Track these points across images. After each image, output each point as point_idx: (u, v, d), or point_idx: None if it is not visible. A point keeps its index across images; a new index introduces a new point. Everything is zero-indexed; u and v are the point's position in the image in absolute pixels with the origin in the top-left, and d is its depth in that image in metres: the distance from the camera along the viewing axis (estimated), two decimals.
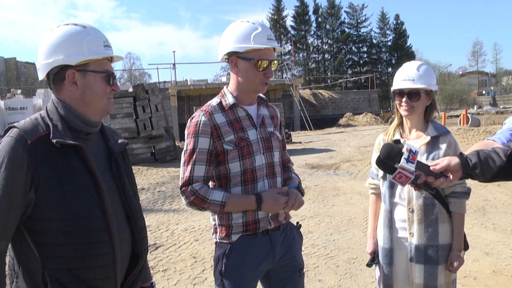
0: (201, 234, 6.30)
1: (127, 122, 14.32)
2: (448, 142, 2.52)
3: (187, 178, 2.14)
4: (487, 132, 17.44)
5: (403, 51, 65.30)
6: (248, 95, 2.27)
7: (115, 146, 1.82)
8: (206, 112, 2.19)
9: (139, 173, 12.57)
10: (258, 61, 2.15)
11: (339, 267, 4.78)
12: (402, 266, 2.59)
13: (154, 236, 6.33)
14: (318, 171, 11.72)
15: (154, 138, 14.67)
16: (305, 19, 65.51)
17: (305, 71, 65.06)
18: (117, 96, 14.71)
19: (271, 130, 2.33)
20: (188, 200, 2.14)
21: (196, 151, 2.15)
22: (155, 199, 8.99)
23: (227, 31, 2.22)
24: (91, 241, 1.58)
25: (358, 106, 37.94)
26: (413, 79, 2.52)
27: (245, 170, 2.19)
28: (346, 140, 19.76)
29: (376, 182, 2.76)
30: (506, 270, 4.53)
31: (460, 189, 2.51)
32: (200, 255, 5.38)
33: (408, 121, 2.63)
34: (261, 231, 2.22)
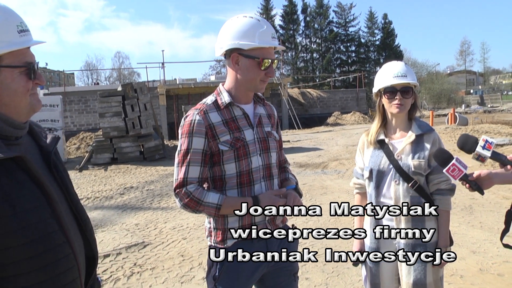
0: (189, 232, 6.27)
1: (116, 121, 14.20)
2: (432, 140, 2.52)
3: (181, 180, 2.05)
4: (474, 131, 17.58)
5: (391, 50, 65.61)
6: (246, 93, 2.18)
7: (48, 144, 1.58)
8: (201, 111, 2.10)
9: (128, 172, 12.51)
10: (263, 60, 2.06)
11: (326, 265, 4.78)
12: (388, 264, 2.58)
13: (142, 234, 6.30)
14: (306, 169, 11.74)
15: (143, 137, 14.56)
16: (293, 19, 65.50)
17: (293, 70, 65.06)
18: (106, 95, 14.62)
19: (269, 130, 2.26)
20: (183, 202, 2.06)
21: (190, 152, 2.06)
22: (143, 198, 8.94)
23: (229, 26, 2.10)
24: (57, 259, 1.39)
25: (346, 105, 38.02)
26: (405, 75, 2.50)
27: (241, 172, 2.11)
28: (334, 139, 19.80)
29: (361, 181, 2.74)
30: (493, 269, 4.56)
31: (445, 186, 2.51)
32: (188, 254, 5.36)
33: (394, 120, 2.60)
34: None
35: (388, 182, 2.54)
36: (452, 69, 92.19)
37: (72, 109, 29.29)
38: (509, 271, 4.51)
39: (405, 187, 2.48)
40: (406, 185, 2.48)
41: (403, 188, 2.48)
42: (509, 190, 7.86)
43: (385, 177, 2.55)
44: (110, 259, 5.30)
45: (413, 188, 2.46)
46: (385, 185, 2.55)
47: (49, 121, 14.24)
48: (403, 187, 2.48)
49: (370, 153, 2.64)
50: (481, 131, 17.53)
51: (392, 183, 2.52)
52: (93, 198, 9.12)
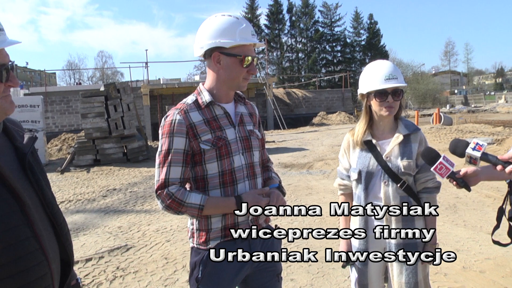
0: (172, 234, 6.24)
1: (98, 122, 14.08)
2: (419, 140, 2.54)
3: (162, 181, 2.03)
4: (459, 131, 17.83)
5: (377, 51, 66.19)
6: (227, 92, 2.17)
7: (24, 145, 1.51)
8: (181, 111, 2.08)
9: (110, 174, 12.40)
10: (245, 57, 2.06)
11: (311, 266, 4.79)
12: (376, 265, 2.60)
13: (125, 237, 6.25)
14: (291, 170, 11.76)
15: (126, 137, 14.47)
16: (279, 18, 65.72)
17: (278, 70, 65.28)
18: (88, 95, 14.49)
19: (251, 129, 2.25)
20: (164, 204, 2.03)
21: (171, 152, 2.04)
22: (126, 200, 8.87)
23: (208, 25, 2.09)
24: (29, 266, 1.34)
25: (332, 105, 38.21)
26: (396, 77, 2.49)
27: (224, 172, 2.10)
28: (320, 139, 19.88)
29: (346, 182, 2.73)
30: (475, 266, 4.63)
31: (431, 184, 2.54)
32: (171, 256, 5.33)
33: (382, 121, 2.60)
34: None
35: (378, 183, 2.54)
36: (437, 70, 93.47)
37: (53, 109, 28.96)
38: (490, 267, 4.60)
39: (395, 188, 2.49)
40: (395, 186, 2.49)
41: (393, 188, 2.49)
42: (492, 189, 8.01)
43: (374, 178, 2.55)
44: (92, 263, 5.24)
45: (402, 188, 2.48)
46: (374, 186, 2.56)
47: (29, 122, 14.08)
48: (393, 188, 2.49)
49: (357, 154, 2.62)
50: (465, 131, 17.78)
51: (381, 184, 2.52)
52: (75, 201, 9.02)
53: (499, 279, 4.34)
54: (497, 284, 4.24)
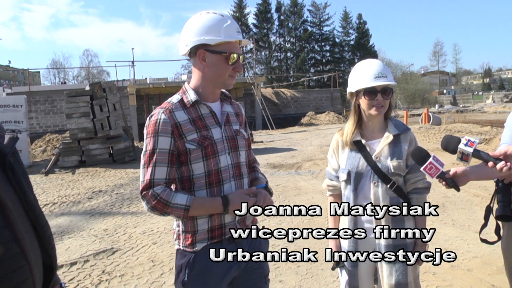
0: (159, 237, 6.21)
1: (83, 122, 13.98)
2: (409, 140, 2.53)
3: (147, 181, 2.02)
4: (447, 130, 18.00)
5: (366, 50, 66.58)
6: (213, 91, 2.17)
7: (4, 145, 1.47)
8: (166, 110, 2.07)
9: (96, 175, 12.31)
10: (230, 54, 2.06)
11: (300, 267, 4.80)
12: (366, 267, 2.60)
13: (111, 240, 6.20)
14: (279, 170, 11.78)
15: (112, 138, 14.39)
16: (267, 17, 65.81)
17: (267, 69, 65.35)
18: (73, 95, 14.38)
19: (237, 128, 2.24)
20: (150, 205, 2.01)
21: (156, 152, 2.03)
22: (112, 202, 8.81)
23: (192, 23, 2.09)
24: (10, 271, 1.31)
25: (321, 105, 38.35)
26: (385, 75, 2.49)
27: (210, 172, 2.10)
28: (308, 139, 19.93)
29: (334, 183, 2.71)
30: (463, 265, 4.69)
31: (422, 185, 2.53)
32: (158, 259, 5.30)
33: (372, 121, 2.59)
34: (227, 237, 2.13)
35: (367, 184, 2.53)
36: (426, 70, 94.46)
37: (37, 109, 28.67)
38: (477, 266, 4.67)
39: (384, 189, 2.48)
40: (385, 186, 2.48)
41: (382, 189, 2.48)
42: (479, 188, 8.09)
43: (363, 179, 2.54)
44: (77, 267, 5.19)
45: (391, 189, 2.47)
46: (363, 187, 2.54)
47: (12, 122, 13.91)
48: (382, 189, 2.48)
49: (346, 155, 2.61)
50: (454, 131, 17.97)
51: (371, 185, 2.51)
52: (59, 203, 8.93)
53: (486, 277, 4.41)
54: (484, 282, 4.30)
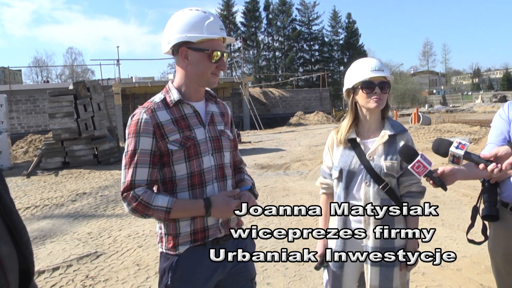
0: (145, 240, 6.18)
1: (67, 122, 13.83)
2: (406, 141, 2.50)
3: (128, 183, 2.01)
4: (437, 130, 18.18)
5: (355, 50, 66.93)
6: (197, 90, 2.16)
7: None
8: (148, 109, 2.06)
9: (80, 177, 12.21)
10: (213, 52, 2.04)
11: (288, 269, 4.81)
12: (352, 268, 2.59)
13: (95, 243, 6.15)
14: (267, 171, 11.79)
15: (97, 139, 14.27)
16: (255, 16, 65.86)
17: (255, 69, 65.35)
18: (56, 94, 14.24)
19: (221, 129, 2.23)
20: (131, 207, 2.01)
21: (137, 153, 2.02)
22: (97, 204, 8.74)
23: (175, 20, 2.08)
24: None
25: (310, 105, 38.48)
26: (382, 69, 2.49)
27: (192, 173, 2.08)
28: (297, 139, 19.98)
29: (328, 181, 2.69)
30: (452, 264, 4.71)
31: (416, 189, 2.54)
32: (144, 262, 5.27)
33: (368, 118, 2.57)
34: (211, 240, 2.12)
35: (359, 183, 2.52)
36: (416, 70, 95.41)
37: (19, 109, 28.33)
38: (466, 265, 4.74)
39: (376, 189, 2.46)
40: (377, 187, 2.46)
41: (374, 190, 2.47)
42: (469, 188, 8.19)
43: (356, 178, 2.53)
44: (60, 272, 5.13)
45: (383, 190, 2.46)
46: (355, 186, 2.53)
47: None
48: (374, 189, 2.47)
49: (340, 152, 2.60)
50: (443, 130, 18.15)
51: (362, 185, 2.49)
52: (42, 206, 8.84)
53: (474, 276, 4.47)
54: (473, 281, 4.36)
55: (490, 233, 2.62)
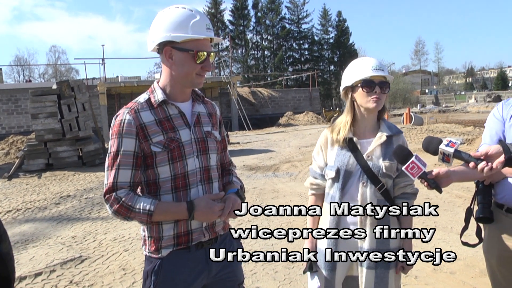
0: (131, 243, 6.14)
1: (50, 123, 13.70)
2: (401, 143, 2.53)
3: (111, 184, 2.01)
4: (429, 131, 18.28)
5: (346, 49, 67.18)
6: (182, 90, 2.14)
7: None
8: (131, 110, 2.05)
9: (64, 179, 12.10)
10: (197, 52, 2.02)
11: (277, 272, 4.80)
12: (342, 271, 2.59)
13: (79, 248, 6.09)
14: (256, 172, 11.79)
15: (82, 140, 14.16)
16: (244, 14, 65.81)
17: (243, 68, 65.35)
18: (39, 93, 14.12)
19: (208, 130, 2.21)
20: (113, 209, 2.00)
21: (120, 154, 2.01)
22: (82, 207, 8.67)
23: (160, 18, 2.07)
24: None
25: (299, 105, 38.58)
26: (383, 69, 2.51)
27: (176, 175, 2.07)
28: (286, 140, 20.00)
29: (319, 182, 2.68)
30: (446, 267, 4.73)
31: (410, 190, 2.56)
32: (130, 267, 5.23)
33: (365, 118, 2.58)
34: (195, 243, 2.11)
35: (355, 183, 2.52)
36: (407, 69, 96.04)
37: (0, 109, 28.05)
38: (460, 268, 4.74)
39: (373, 190, 2.48)
40: (373, 188, 2.48)
41: (371, 190, 2.48)
42: (462, 189, 8.23)
43: (352, 178, 2.53)
44: (42, 278, 5.07)
45: (380, 191, 2.48)
46: (351, 186, 2.53)
47: None
48: (371, 190, 2.48)
49: (335, 152, 2.59)
50: (436, 131, 18.27)
51: (359, 185, 2.50)
52: (24, 209, 8.74)
53: (468, 279, 4.48)
54: (467, 284, 4.37)
55: (484, 235, 2.62)
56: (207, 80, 31.30)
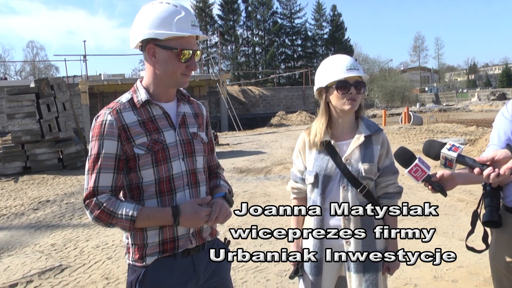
0: (114, 251, 6.10)
1: (28, 123, 13.62)
2: (381, 141, 2.57)
3: (91, 189, 1.98)
4: (429, 131, 18.38)
5: (341, 45, 67.51)
6: (166, 90, 2.14)
7: None
8: (113, 110, 2.04)
9: (43, 183, 12.03)
10: (182, 50, 2.01)
11: (269, 281, 4.79)
12: (329, 277, 2.61)
13: (59, 256, 6.04)
14: (247, 175, 11.79)
15: (62, 141, 14.09)
16: (233, 8, 65.93)
17: (233, 65, 65.40)
18: (15, 92, 14.02)
19: (194, 131, 2.21)
20: (93, 215, 1.98)
21: (101, 157, 1.99)
22: (62, 213, 8.60)
23: (143, 14, 2.05)
24: None
25: (292, 104, 38.66)
26: (358, 68, 2.52)
27: (160, 179, 2.07)
28: (279, 141, 20.04)
29: (299, 185, 2.72)
30: (447, 275, 4.74)
31: (393, 190, 2.57)
32: (113, 276, 5.20)
33: (341, 119, 2.60)
34: (181, 251, 2.11)
35: (336, 187, 2.55)
36: (406, 66, 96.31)
37: None
38: (463, 276, 4.72)
39: (354, 193, 2.50)
40: (355, 191, 2.50)
41: (352, 193, 2.51)
42: (464, 192, 8.26)
43: (332, 182, 2.56)
44: None
45: (362, 193, 2.50)
46: (331, 190, 2.56)
47: None
48: (352, 193, 2.50)
49: (313, 156, 2.62)
50: (436, 131, 18.36)
51: (340, 189, 2.53)
52: None
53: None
54: None
55: (491, 240, 2.61)
56: (195, 78, 31.31)
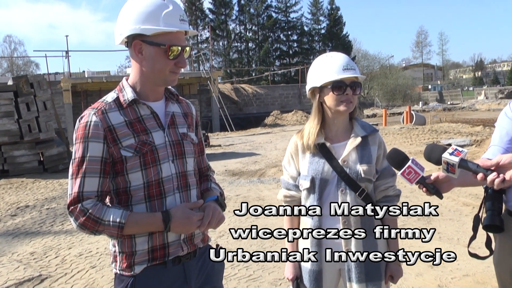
0: (99, 259, 6.07)
1: (6, 124, 13.55)
2: (378, 142, 2.58)
3: (76, 195, 1.97)
4: (433, 131, 18.42)
5: (339, 41, 67.66)
6: (154, 88, 2.14)
7: None
8: (98, 110, 2.03)
9: (23, 187, 11.98)
10: (169, 47, 2.01)
11: None
12: (329, 282, 2.61)
13: (39, 265, 6.00)
14: (240, 178, 11.81)
15: (43, 143, 14.06)
16: (225, 2, 65.89)
17: (225, 62, 65.45)
18: None
19: (184, 132, 2.22)
20: (78, 222, 1.96)
21: (86, 160, 1.98)
22: (42, 219, 8.56)
23: (129, 8, 2.05)
24: None
25: (287, 103, 38.71)
26: (354, 68, 2.52)
27: (149, 183, 2.06)
28: (273, 142, 20.07)
29: (293, 193, 2.71)
30: (452, 284, 4.74)
31: (392, 192, 2.59)
32: (97, 286, 5.17)
33: (336, 120, 2.60)
34: (171, 258, 2.10)
35: (333, 191, 2.55)
36: (408, 62, 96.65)
37: None
38: (469, 285, 4.72)
39: (353, 196, 2.51)
40: (353, 194, 2.51)
41: (351, 197, 2.51)
42: (470, 196, 8.28)
43: (329, 186, 2.56)
44: None
45: (360, 197, 2.51)
46: (329, 195, 2.55)
47: None
48: (351, 196, 2.51)
49: (308, 160, 2.62)
50: (440, 131, 18.41)
51: (338, 193, 2.53)
52: None
53: None
54: None
55: (495, 246, 2.60)
56: (184, 75, 31.28)
